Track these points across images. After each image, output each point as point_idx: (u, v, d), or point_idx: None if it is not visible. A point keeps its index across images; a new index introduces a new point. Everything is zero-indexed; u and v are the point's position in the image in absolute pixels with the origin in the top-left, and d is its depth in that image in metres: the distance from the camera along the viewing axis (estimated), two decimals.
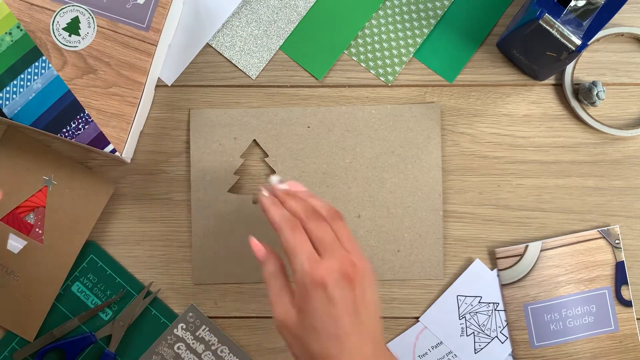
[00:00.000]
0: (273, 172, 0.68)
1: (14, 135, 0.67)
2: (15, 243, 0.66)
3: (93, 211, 0.67)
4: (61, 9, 0.63)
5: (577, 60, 0.69)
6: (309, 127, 0.68)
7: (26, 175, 0.67)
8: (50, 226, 0.66)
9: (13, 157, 0.67)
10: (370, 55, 0.69)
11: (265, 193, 0.59)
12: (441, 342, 0.68)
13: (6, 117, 0.63)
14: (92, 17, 0.63)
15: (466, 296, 0.68)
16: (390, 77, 0.69)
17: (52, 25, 0.63)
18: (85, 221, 0.67)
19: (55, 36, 0.63)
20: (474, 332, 0.68)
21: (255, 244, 0.58)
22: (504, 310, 0.68)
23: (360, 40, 0.69)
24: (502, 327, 0.68)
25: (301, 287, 0.53)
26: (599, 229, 0.68)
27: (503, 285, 0.68)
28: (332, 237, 0.55)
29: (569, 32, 0.59)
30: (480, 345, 0.68)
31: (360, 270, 0.54)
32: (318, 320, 0.52)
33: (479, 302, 0.68)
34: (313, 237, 0.55)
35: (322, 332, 0.52)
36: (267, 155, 0.68)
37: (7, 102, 0.63)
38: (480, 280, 0.68)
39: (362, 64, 0.69)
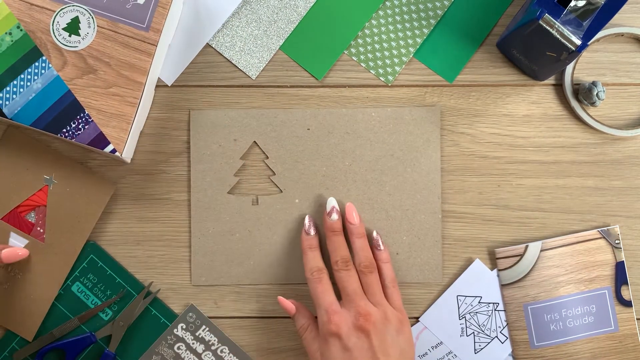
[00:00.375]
0: (273, 173, 0.68)
1: (14, 134, 0.67)
2: (17, 242, 0.66)
3: (94, 210, 0.67)
4: (61, 9, 0.63)
5: (577, 61, 0.69)
6: (309, 129, 0.68)
7: (26, 175, 0.67)
8: (52, 225, 0.67)
9: (13, 156, 0.67)
10: (370, 55, 0.69)
11: (308, 230, 0.65)
12: (441, 342, 0.68)
13: (6, 117, 0.63)
14: (92, 17, 0.63)
15: (466, 296, 0.68)
16: (390, 77, 0.69)
17: (52, 25, 0.63)
18: (86, 220, 0.67)
19: (55, 36, 0.63)
20: (474, 332, 0.68)
21: (285, 303, 0.65)
22: (504, 311, 0.68)
23: (360, 40, 0.69)
24: (502, 327, 0.68)
25: (322, 336, 0.60)
26: (599, 229, 0.68)
27: (503, 286, 0.68)
28: (354, 288, 0.62)
29: (569, 32, 0.59)
30: (480, 346, 0.68)
31: (378, 320, 0.60)
32: None
33: (479, 302, 0.68)
34: (339, 287, 0.62)
35: None
36: (267, 157, 0.68)
37: (7, 102, 0.63)
38: (480, 281, 0.68)
39: (362, 64, 0.69)
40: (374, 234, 0.66)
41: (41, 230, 0.67)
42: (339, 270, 0.63)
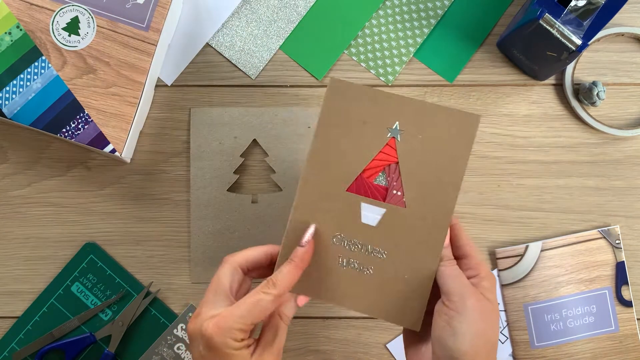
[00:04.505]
0: (273, 171, 0.68)
1: (339, 86, 0.53)
2: (372, 214, 0.53)
3: (461, 150, 0.53)
4: (61, 9, 0.63)
5: (577, 60, 0.69)
6: (309, 127, 0.68)
7: (365, 130, 0.53)
8: (410, 183, 0.53)
9: (345, 111, 0.53)
10: (370, 55, 0.69)
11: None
12: None
13: (6, 117, 0.63)
14: (92, 17, 0.63)
15: None
16: (390, 77, 0.69)
17: (52, 25, 0.63)
18: (453, 166, 0.53)
19: (55, 36, 0.63)
20: None
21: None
22: (504, 311, 0.68)
23: (360, 40, 0.69)
24: (502, 327, 0.68)
25: (484, 272, 0.53)
26: (599, 229, 0.68)
27: (503, 286, 0.68)
28: None
29: (569, 32, 0.59)
30: None
31: None
32: (494, 301, 0.51)
33: None
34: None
35: None
36: (267, 155, 0.68)
37: (6, 102, 0.63)
38: None
39: (362, 64, 0.69)
40: None
41: (399, 193, 0.53)
42: None
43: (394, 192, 0.53)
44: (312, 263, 0.53)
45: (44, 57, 0.63)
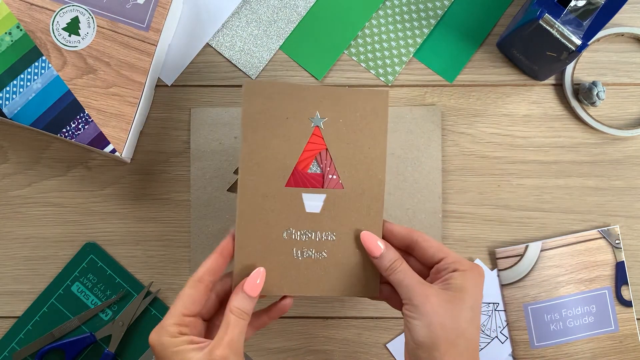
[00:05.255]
0: None
1: (253, 87, 0.55)
2: (313, 202, 0.56)
3: (378, 125, 0.56)
4: (61, 9, 0.63)
5: (577, 60, 0.69)
6: None
7: (289, 125, 0.55)
8: (342, 165, 0.56)
9: (265, 110, 0.55)
10: (370, 55, 0.69)
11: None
12: None
13: (6, 117, 0.63)
14: (92, 17, 0.63)
15: None
16: (390, 77, 0.69)
17: (52, 25, 0.63)
18: (375, 140, 0.56)
19: (55, 36, 0.63)
20: None
21: (371, 240, 0.56)
22: (504, 311, 0.68)
23: (360, 40, 0.69)
24: (502, 327, 0.68)
25: (464, 266, 0.54)
26: (599, 229, 0.68)
27: (503, 286, 0.68)
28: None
29: (569, 32, 0.59)
30: (480, 345, 0.68)
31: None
32: (476, 296, 0.53)
33: None
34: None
35: None
36: None
37: (7, 102, 0.63)
38: None
39: (362, 64, 0.69)
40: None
41: (334, 177, 0.56)
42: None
43: (330, 176, 0.56)
44: (269, 262, 0.54)
45: (44, 57, 0.63)
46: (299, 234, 0.55)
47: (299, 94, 0.55)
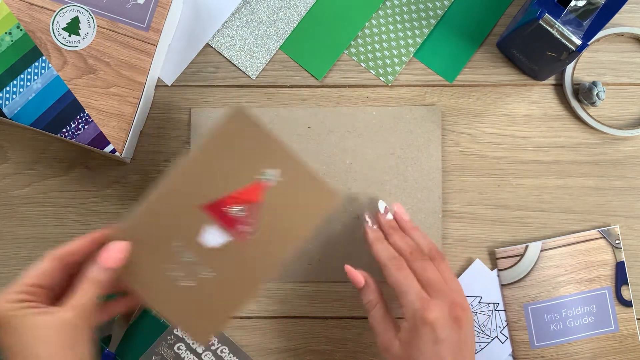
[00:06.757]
0: None
1: (241, 116, 0.57)
2: (213, 237, 0.56)
3: (311, 219, 0.58)
4: (61, 9, 0.63)
5: (577, 60, 0.69)
6: (309, 127, 0.68)
7: (242, 163, 0.56)
8: (263, 225, 0.57)
9: (232, 139, 0.57)
10: (370, 55, 0.69)
11: (371, 224, 0.63)
12: None
13: (6, 117, 0.63)
14: (92, 17, 0.63)
15: (466, 296, 0.68)
16: (390, 77, 0.69)
17: (52, 25, 0.63)
18: (299, 228, 0.57)
19: (55, 36, 0.63)
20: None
21: (353, 274, 0.61)
22: (504, 311, 0.68)
23: (360, 40, 0.69)
24: (502, 327, 0.68)
25: (412, 323, 0.56)
26: (599, 229, 0.68)
27: (503, 286, 0.68)
28: (439, 277, 0.58)
29: (569, 32, 0.59)
30: (480, 345, 0.68)
31: (468, 311, 0.57)
32: (423, 355, 0.55)
33: (479, 302, 0.68)
34: (420, 277, 0.58)
35: None
36: None
37: (7, 102, 0.63)
38: (481, 281, 0.68)
39: (362, 64, 0.69)
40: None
41: (247, 229, 0.56)
42: (415, 260, 0.59)
43: (243, 226, 0.56)
44: (146, 256, 0.55)
45: (44, 57, 0.63)
46: (186, 253, 0.55)
47: (270, 145, 0.56)
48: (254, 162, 0.56)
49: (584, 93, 0.67)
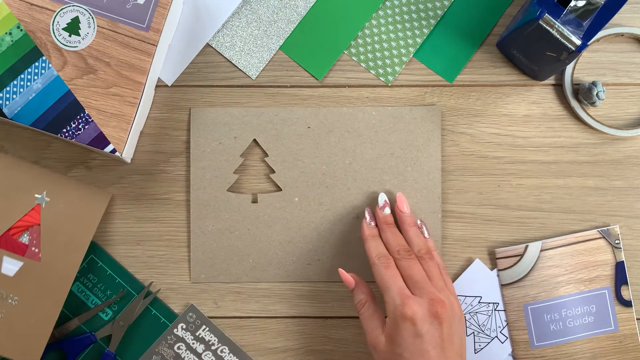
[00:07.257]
0: (272, 171, 0.68)
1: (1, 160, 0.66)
2: (11, 265, 0.63)
3: (90, 223, 0.65)
4: (61, 9, 0.63)
5: (577, 61, 0.69)
6: (309, 127, 0.68)
7: (17, 195, 0.64)
8: (47, 243, 0.64)
9: (1, 179, 0.65)
10: (370, 55, 0.69)
11: (368, 221, 0.65)
12: None
13: (6, 117, 0.63)
14: (92, 17, 0.63)
15: (466, 296, 0.68)
16: (390, 77, 0.69)
17: (52, 25, 0.63)
18: (82, 234, 0.65)
19: (55, 36, 0.63)
20: (474, 332, 0.68)
21: (345, 275, 0.64)
22: (504, 310, 0.68)
23: (360, 40, 0.69)
24: (502, 327, 0.68)
25: (392, 319, 0.59)
26: (599, 229, 0.68)
27: (503, 285, 0.68)
28: (423, 276, 0.61)
29: (569, 32, 0.59)
30: (480, 345, 0.68)
31: (449, 308, 0.59)
32: (406, 350, 0.57)
33: (479, 302, 0.68)
34: (404, 275, 0.61)
35: None
36: (267, 155, 0.68)
37: (7, 102, 0.63)
38: (480, 281, 0.68)
39: (362, 64, 0.69)
40: (418, 221, 0.66)
41: (36, 250, 0.64)
42: (401, 258, 0.62)
43: (33, 249, 0.64)
44: None
45: (44, 58, 0.63)
46: None
47: (30, 171, 0.65)
48: (25, 191, 0.64)
49: (584, 93, 0.67)
